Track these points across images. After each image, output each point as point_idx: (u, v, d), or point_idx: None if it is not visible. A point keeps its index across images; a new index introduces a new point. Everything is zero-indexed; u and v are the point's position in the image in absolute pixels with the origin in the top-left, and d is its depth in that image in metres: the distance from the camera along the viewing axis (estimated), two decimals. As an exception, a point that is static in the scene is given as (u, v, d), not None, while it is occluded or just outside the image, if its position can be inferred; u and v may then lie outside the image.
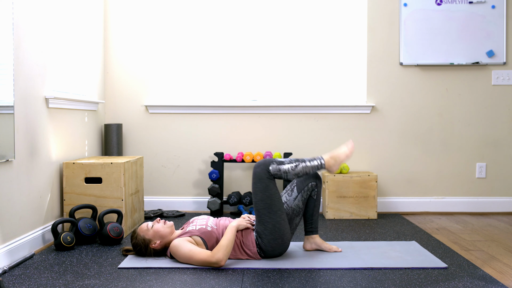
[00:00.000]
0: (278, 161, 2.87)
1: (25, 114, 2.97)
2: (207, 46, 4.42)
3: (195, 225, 2.87)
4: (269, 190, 2.82)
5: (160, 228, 2.85)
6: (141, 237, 2.85)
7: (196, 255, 2.68)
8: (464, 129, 4.36)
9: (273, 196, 2.82)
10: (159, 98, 4.40)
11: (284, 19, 4.41)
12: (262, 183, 2.83)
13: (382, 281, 2.48)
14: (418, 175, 4.37)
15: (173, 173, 4.37)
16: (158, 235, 2.84)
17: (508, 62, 4.30)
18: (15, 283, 2.46)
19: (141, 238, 2.85)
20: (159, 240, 2.84)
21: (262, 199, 2.82)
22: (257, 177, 2.84)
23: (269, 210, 2.80)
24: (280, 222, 2.81)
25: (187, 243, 2.73)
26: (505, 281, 2.50)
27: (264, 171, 2.83)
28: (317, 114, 4.35)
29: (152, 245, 2.84)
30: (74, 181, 3.39)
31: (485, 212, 4.35)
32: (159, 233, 2.84)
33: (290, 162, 2.87)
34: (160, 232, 2.84)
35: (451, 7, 4.27)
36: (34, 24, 3.10)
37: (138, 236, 2.86)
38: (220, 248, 2.68)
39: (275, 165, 2.85)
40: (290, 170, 2.84)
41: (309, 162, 2.89)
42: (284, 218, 2.84)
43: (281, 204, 2.85)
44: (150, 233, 2.84)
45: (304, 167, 2.87)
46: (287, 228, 2.85)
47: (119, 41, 4.35)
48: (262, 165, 2.85)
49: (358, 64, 4.38)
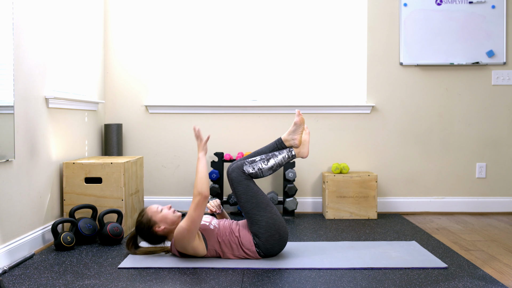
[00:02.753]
0: (250, 160, 2.91)
1: (25, 114, 2.97)
2: (207, 46, 4.42)
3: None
4: (251, 189, 2.84)
5: (169, 214, 2.83)
6: (148, 217, 2.83)
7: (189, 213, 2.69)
8: (464, 129, 4.36)
9: (257, 194, 2.84)
10: (159, 98, 4.40)
11: (284, 19, 4.41)
12: (242, 185, 2.85)
13: (382, 281, 2.48)
14: (418, 175, 4.37)
15: (173, 173, 4.37)
16: (165, 221, 2.82)
17: (508, 62, 4.30)
18: (15, 283, 2.46)
19: (148, 218, 2.83)
20: (164, 226, 2.82)
21: (247, 200, 2.83)
22: (235, 181, 2.86)
23: (258, 209, 2.81)
24: (271, 217, 2.81)
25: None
26: (505, 281, 2.50)
27: (240, 174, 2.86)
28: (317, 114, 4.35)
29: (156, 228, 2.82)
30: (74, 181, 3.39)
31: (485, 212, 4.35)
32: (167, 219, 2.81)
33: (261, 159, 2.90)
34: (168, 218, 2.82)
35: (451, 7, 4.27)
36: (34, 24, 3.10)
37: (146, 215, 2.84)
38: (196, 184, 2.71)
39: (247, 165, 2.88)
40: (263, 166, 2.88)
41: (278, 153, 2.94)
42: (274, 211, 2.85)
43: (267, 199, 2.87)
44: (158, 216, 2.83)
45: (275, 159, 2.91)
46: (280, 221, 2.85)
47: (119, 41, 4.35)
48: (236, 169, 2.88)
49: (358, 64, 4.39)
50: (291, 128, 2.97)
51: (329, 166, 4.36)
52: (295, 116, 2.97)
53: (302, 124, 2.96)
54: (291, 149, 2.97)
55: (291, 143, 2.98)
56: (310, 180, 4.37)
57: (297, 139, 2.96)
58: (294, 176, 4.07)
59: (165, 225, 2.82)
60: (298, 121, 2.95)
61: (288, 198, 4.10)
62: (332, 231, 3.61)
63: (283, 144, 3.00)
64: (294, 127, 2.96)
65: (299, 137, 2.97)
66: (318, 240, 3.36)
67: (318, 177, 4.36)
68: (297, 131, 2.96)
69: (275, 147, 3.00)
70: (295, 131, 2.96)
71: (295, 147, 2.98)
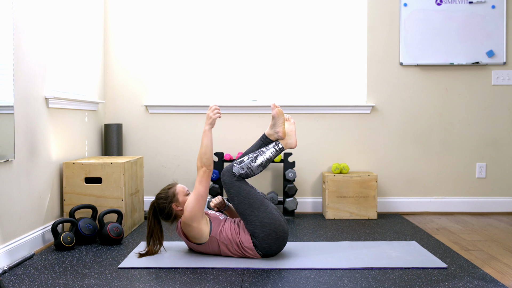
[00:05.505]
0: (238, 161, 2.92)
1: (25, 114, 2.97)
2: (207, 46, 4.42)
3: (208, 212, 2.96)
4: (243, 190, 2.85)
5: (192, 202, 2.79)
6: (176, 192, 2.89)
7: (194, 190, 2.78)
8: (464, 129, 4.36)
9: (249, 194, 2.84)
10: (159, 98, 4.40)
11: (284, 19, 4.41)
12: (233, 187, 2.86)
13: (382, 281, 2.48)
14: (418, 175, 4.37)
15: (173, 173, 4.37)
16: (185, 206, 2.81)
17: (508, 62, 4.30)
18: (15, 283, 2.46)
19: (174, 193, 2.88)
20: (181, 208, 2.86)
21: (241, 201, 2.83)
22: (227, 184, 2.88)
23: (251, 209, 2.81)
24: (266, 216, 2.81)
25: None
26: (505, 281, 2.50)
27: (230, 176, 2.87)
28: (317, 114, 4.35)
29: (174, 205, 2.86)
30: (74, 181, 3.39)
31: (485, 212, 4.35)
32: (188, 206, 2.79)
33: (249, 158, 2.92)
34: (189, 205, 2.80)
35: (451, 7, 4.27)
36: (34, 24, 3.10)
37: (174, 189, 2.90)
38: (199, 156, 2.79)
39: (236, 166, 2.89)
40: (252, 164, 2.88)
41: (265, 149, 2.95)
42: (269, 211, 2.84)
43: (261, 198, 2.86)
44: (183, 198, 2.88)
45: (263, 156, 2.92)
46: (277, 220, 2.83)
47: (119, 41, 4.35)
48: (226, 172, 2.90)
49: (358, 64, 4.39)
50: (271, 122, 2.99)
51: (329, 166, 4.36)
52: (271, 109, 2.98)
53: (280, 116, 2.96)
54: (278, 142, 2.98)
55: (275, 137, 3.00)
56: (310, 180, 4.37)
57: (280, 131, 2.97)
58: (294, 176, 4.07)
59: (182, 208, 2.86)
60: (275, 114, 2.96)
61: (288, 198, 4.10)
62: (332, 231, 3.61)
63: (268, 139, 3.01)
64: (274, 121, 2.97)
65: (282, 129, 2.97)
66: (318, 240, 3.36)
67: (318, 177, 4.36)
68: (277, 124, 2.97)
69: (262, 143, 3.02)
70: (275, 124, 2.97)
71: (281, 140, 2.98)
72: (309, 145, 4.35)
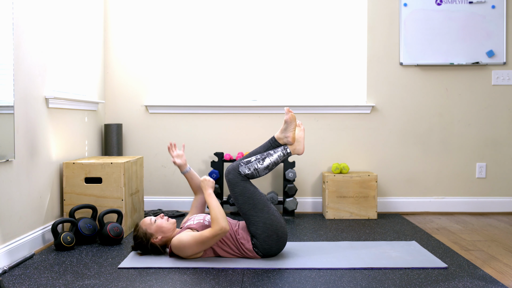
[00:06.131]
0: (245, 161, 2.90)
1: (25, 114, 2.97)
2: (207, 46, 4.42)
3: (193, 220, 2.91)
4: (248, 190, 2.84)
5: (163, 223, 2.85)
6: (143, 230, 2.85)
7: (201, 236, 2.71)
8: (464, 129, 4.36)
9: (254, 195, 2.83)
10: (159, 98, 4.40)
11: (284, 19, 4.41)
12: (238, 187, 2.85)
13: (382, 281, 2.48)
14: (418, 175, 4.37)
15: (173, 173, 4.37)
16: (160, 230, 2.84)
17: (508, 62, 4.30)
18: (15, 283, 2.46)
19: (143, 231, 2.85)
20: (160, 236, 2.84)
21: (245, 202, 2.83)
22: (232, 183, 2.86)
23: (255, 210, 2.81)
24: (269, 217, 2.81)
25: (187, 233, 2.76)
26: (505, 281, 2.50)
27: (236, 175, 2.86)
28: (317, 114, 4.35)
29: (153, 239, 2.84)
30: (74, 181, 3.39)
31: (485, 212, 4.35)
32: (162, 229, 2.84)
33: (256, 159, 2.90)
34: (163, 227, 2.84)
35: (451, 7, 4.27)
36: (34, 24, 3.10)
37: (140, 229, 2.87)
38: (215, 219, 2.71)
39: (243, 166, 2.87)
40: (259, 166, 2.87)
41: (273, 152, 2.92)
42: (272, 212, 2.84)
43: (264, 199, 2.86)
44: (153, 228, 2.85)
45: (271, 158, 2.90)
46: (278, 222, 2.84)
47: (119, 41, 4.35)
48: (232, 170, 2.88)
49: (358, 64, 4.39)
50: (282, 126, 2.96)
51: (329, 166, 4.36)
52: (285, 114, 2.96)
53: (293, 121, 2.94)
54: (286, 146, 2.96)
55: (284, 141, 2.97)
56: (310, 180, 4.37)
57: (290, 137, 2.95)
58: (294, 176, 4.07)
59: (161, 235, 2.85)
60: (288, 119, 2.94)
61: (288, 198, 4.10)
62: (332, 231, 3.61)
63: (277, 143, 2.99)
64: (285, 125, 2.95)
65: (292, 134, 2.95)
66: (318, 240, 3.36)
67: (318, 177, 4.36)
68: (288, 129, 2.95)
69: (270, 146, 3.00)
70: (286, 128, 2.95)
71: (289, 145, 2.97)
72: (309, 145, 4.34)
